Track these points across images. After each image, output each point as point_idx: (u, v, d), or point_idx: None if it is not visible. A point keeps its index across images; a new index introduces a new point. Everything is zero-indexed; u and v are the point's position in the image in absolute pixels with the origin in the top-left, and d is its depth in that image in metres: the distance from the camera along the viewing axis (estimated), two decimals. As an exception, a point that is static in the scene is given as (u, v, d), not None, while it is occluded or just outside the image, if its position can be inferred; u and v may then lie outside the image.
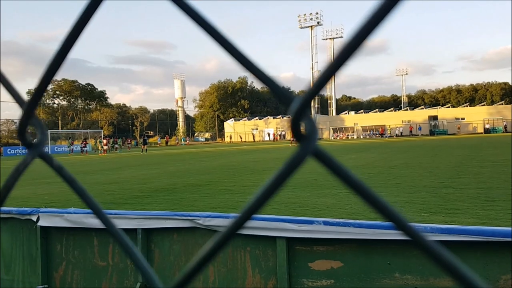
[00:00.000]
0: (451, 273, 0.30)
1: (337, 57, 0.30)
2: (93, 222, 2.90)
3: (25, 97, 0.47)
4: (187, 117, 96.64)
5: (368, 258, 2.26)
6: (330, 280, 2.32)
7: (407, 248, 2.16)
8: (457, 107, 77.10)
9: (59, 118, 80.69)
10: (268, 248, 2.48)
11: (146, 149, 42.27)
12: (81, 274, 3.08)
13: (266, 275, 2.49)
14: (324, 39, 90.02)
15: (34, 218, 3.14)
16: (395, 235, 2.15)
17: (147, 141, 44.81)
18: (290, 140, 53.71)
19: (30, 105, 0.45)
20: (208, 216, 2.62)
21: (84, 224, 2.96)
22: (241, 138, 78.14)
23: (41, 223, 3.12)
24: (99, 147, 46.33)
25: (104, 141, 46.64)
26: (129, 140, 58.40)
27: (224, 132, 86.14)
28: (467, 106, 75.30)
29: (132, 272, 2.89)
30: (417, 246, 0.31)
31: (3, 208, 3.33)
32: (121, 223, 2.87)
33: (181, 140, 78.28)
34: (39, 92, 0.43)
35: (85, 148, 46.10)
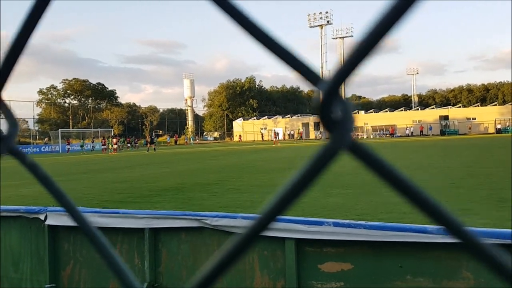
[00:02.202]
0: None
1: (379, 25, 0.25)
2: (100, 221, 2.88)
3: (37, 97, 0.42)
4: (196, 116, 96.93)
5: (379, 260, 2.21)
6: (340, 282, 2.27)
7: (420, 250, 2.11)
8: (468, 107, 76.25)
9: (70, 117, 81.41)
10: (276, 249, 2.44)
11: (155, 148, 42.64)
12: (89, 273, 3.07)
13: (275, 276, 2.45)
14: (334, 38, 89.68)
15: (42, 217, 3.14)
16: (407, 237, 2.10)
17: (154, 140, 45.39)
18: (274, 140, 51.89)
19: None
20: (216, 216, 2.59)
21: (92, 223, 2.94)
22: (240, 137, 77.96)
23: (49, 221, 3.11)
24: (109, 146, 46.72)
25: (114, 140, 46.97)
26: (136, 140, 58.58)
27: (232, 131, 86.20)
28: (478, 106, 74.43)
29: (139, 272, 2.87)
30: (470, 250, 0.26)
31: (12, 207, 3.33)
32: (128, 223, 2.85)
33: (190, 139, 78.53)
34: (3, 75, 0.38)
35: (104, 146, 46.51)
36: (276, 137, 51.41)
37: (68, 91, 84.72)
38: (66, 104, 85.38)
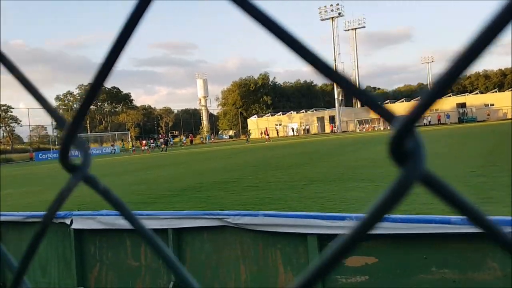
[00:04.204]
0: None
1: (454, 64, 0.25)
2: (124, 223, 2.93)
3: (54, 102, 0.45)
4: (210, 116, 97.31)
5: (404, 253, 2.20)
6: (364, 276, 2.27)
7: (444, 241, 2.09)
8: (485, 93, 74.80)
9: (88, 121, 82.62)
10: (299, 246, 2.45)
11: (164, 149, 44.00)
12: (115, 275, 3.13)
13: (298, 272, 2.47)
14: (346, 30, 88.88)
15: (68, 221, 3.20)
16: (431, 228, 2.09)
17: (157, 142, 47.41)
18: (266, 137, 50.94)
19: (73, 126, 0.42)
20: (237, 214, 2.61)
21: (116, 225, 3.00)
22: (262, 133, 77.89)
23: (75, 226, 3.18)
24: (142, 148, 47.85)
25: (144, 142, 48.09)
26: (152, 141, 59.00)
27: (247, 129, 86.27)
28: (496, 91, 72.92)
29: (165, 272, 2.91)
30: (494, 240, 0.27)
31: (37, 213, 3.41)
32: (151, 224, 2.90)
33: (205, 138, 78.91)
34: (82, 112, 0.41)
35: (145, 147, 47.21)
36: (267, 135, 51.44)
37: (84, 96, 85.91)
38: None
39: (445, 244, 2.10)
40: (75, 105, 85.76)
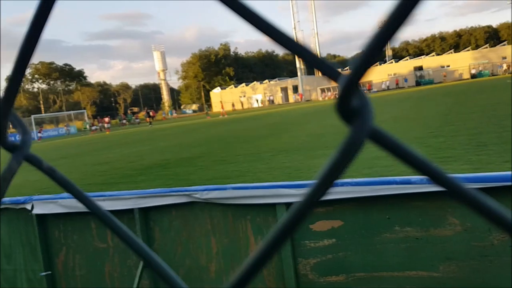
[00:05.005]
0: (493, 219, 0.27)
1: (392, 17, 0.25)
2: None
3: (4, 84, 0.42)
4: (171, 90, 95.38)
5: (368, 214, 2.27)
6: (331, 239, 2.33)
7: (406, 201, 2.17)
8: (441, 54, 76.93)
9: (41, 102, 79.31)
10: (268, 215, 2.48)
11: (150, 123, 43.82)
12: (83, 257, 3.08)
13: None
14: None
15: (29, 207, 3.10)
16: (393, 189, 2.15)
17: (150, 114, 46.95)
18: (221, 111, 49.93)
19: (6, 102, 0.38)
20: (205, 189, 2.60)
21: (79, 208, 2.92)
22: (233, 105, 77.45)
23: (36, 210, 3.08)
24: (105, 126, 47.07)
25: (106, 119, 47.13)
26: (108, 120, 57.13)
27: (211, 102, 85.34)
28: (451, 53, 75.15)
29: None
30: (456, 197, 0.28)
31: (17, 198, 3.28)
32: (116, 205, 2.84)
33: (168, 113, 77.59)
34: (14, 86, 0.37)
35: (108, 125, 46.34)
36: (223, 108, 51.00)
37: (36, 76, 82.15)
38: (35, 89, 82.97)
39: (407, 204, 2.18)
40: (26, 86, 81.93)
